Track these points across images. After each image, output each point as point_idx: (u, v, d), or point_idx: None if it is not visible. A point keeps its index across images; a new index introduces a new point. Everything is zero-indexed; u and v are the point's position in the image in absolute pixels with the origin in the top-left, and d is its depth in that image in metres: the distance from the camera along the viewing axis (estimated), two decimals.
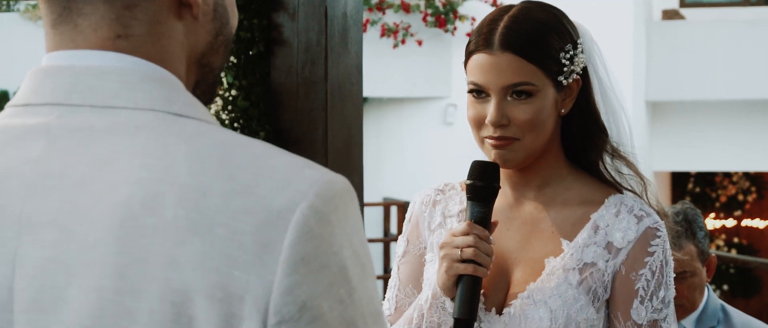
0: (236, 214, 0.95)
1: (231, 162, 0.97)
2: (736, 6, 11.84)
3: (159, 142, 0.99)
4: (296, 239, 0.94)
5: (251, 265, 0.94)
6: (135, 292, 0.95)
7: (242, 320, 0.94)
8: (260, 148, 0.99)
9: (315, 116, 3.43)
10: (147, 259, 0.95)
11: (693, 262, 2.90)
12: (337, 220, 0.97)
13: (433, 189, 2.05)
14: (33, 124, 1.03)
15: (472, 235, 1.82)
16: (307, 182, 0.96)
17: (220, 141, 1.00)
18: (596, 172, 1.94)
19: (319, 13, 3.48)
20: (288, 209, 0.94)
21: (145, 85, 1.03)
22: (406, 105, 11.33)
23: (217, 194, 0.95)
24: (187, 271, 0.94)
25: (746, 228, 13.23)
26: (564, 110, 1.90)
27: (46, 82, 1.05)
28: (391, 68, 10.70)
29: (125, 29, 1.04)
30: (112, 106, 1.02)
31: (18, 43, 11.32)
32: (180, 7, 1.07)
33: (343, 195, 0.98)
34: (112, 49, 1.04)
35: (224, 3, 1.11)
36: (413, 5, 10.63)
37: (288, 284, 0.94)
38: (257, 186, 0.96)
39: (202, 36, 1.09)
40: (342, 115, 3.48)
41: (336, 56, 3.47)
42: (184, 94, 1.05)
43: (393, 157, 11.36)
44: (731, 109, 11.12)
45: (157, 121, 1.01)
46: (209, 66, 1.12)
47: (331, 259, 0.95)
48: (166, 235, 0.95)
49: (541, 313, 1.83)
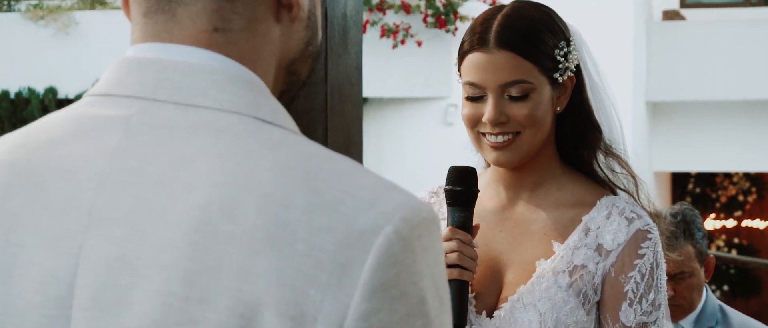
0: (318, 230, 0.90)
1: (316, 176, 0.93)
2: (736, 6, 11.83)
3: (242, 148, 0.95)
4: (378, 264, 0.90)
5: (328, 285, 0.89)
6: (203, 300, 0.91)
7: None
8: (347, 164, 0.95)
9: (314, 117, 3.43)
10: (220, 268, 0.90)
11: (691, 262, 2.90)
12: (420, 248, 0.92)
13: (427, 192, 2.04)
14: (112, 115, 0.99)
15: (455, 240, 1.82)
16: (393, 205, 0.92)
17: (306, 153, 0.95)
18: (590, 171, 1.94)
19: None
20: (372, 231, 0.90)
21: (233, 87, 0.99)
22: (407, 105, 11.33)
23: (299, 208, 0.91)
24: (260, 284, 0.89)
25: (746, 229, 13.22)
26: (560, 108, 1.90)
27: (132, 74, 1.01)
28: (391, 69, 10.70)
29: (224, 22, 1.01)
30: (197, 105, 0.98)
31: (18, 43, 11.32)
32: (279, 7, 1.04)
33: (428, 223, 0.93)
34: (206, 46, 1.00)
35: (316, 13, 1.07)
36: (413, 6, 10.63)
37: (365, 310, 0.89)
38: (342, 204, 0.91)
39: (296, 42, 1.06)
40: (342, 116, 3.48)
41: (336, 57, 3.46)
42: (272, 101, 1.01)
43: (393, 158, 11.36)
44: (731, 110, 11.11)
45: (242, 125, 0.97)
46: (297, 75, 1.09)
47: (411, 288, 0.91)
48: (241, 244, 0.90)
49: (531, 316, 1.83)
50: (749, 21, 10.95)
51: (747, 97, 10.64)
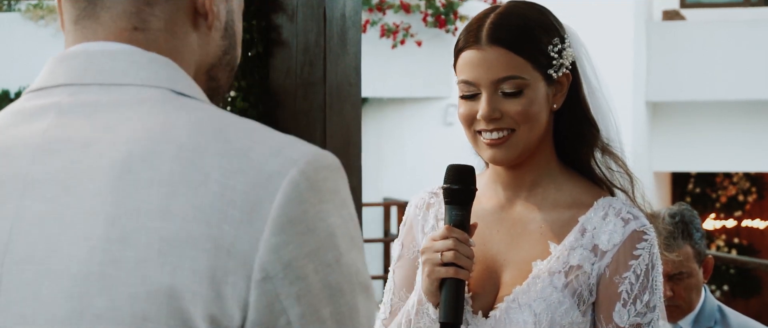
0: (230, 173, 0.99)
1: (229, 130, 1.02)
2: (736, 6, 11.84)
3: (161, 112, 1.04)
4: (285, 201, 0.98)
5: (240, 221, 0.97)
6: (124, 240, 0.98)
7: (228, 273, 0.97)
8: (255, 124, 1.05)
9: (313, 117, 3.43)
10: (139, 209, 0.99)
11: (689, 263, 2.90)
12: (326, 189, 1.01)
13: (427, 192, 2.04)
14: (45, 103, 1.09)
15: (451, 238, 1.82)
16: (299, 152, 1.01)
17: (219, 115, 1.05)
18: (587, 169, 1.94)
19: (318, 14, 3.48)
20: (279, 173, 0.99)
21: (152, 65, 1.08)
22: (407, 105, 11.33)
23: (213, 154, 1.00)
24: (178, 221, 0.98)
25: (746, 229, 13.22)
26: (556, 105, 1.90)
27: (61, 66, 1.11)
28: (391, 68, 10.70)
29: (143, 23, 1.10)
30: (120, 83, 1.07)
31: (18, 43, 11.33)
32: (196, 15, 1.13)
33: (333, 169, 1.03)
34: (127, 42, 1.10)
35: (234, 27, 1.17)
36: (413, 5, 10.64)
37: (274, 243, 0.97)
38: (252, 150, 1.00)
39: (213, 49, 1.15)
40: (340, 116, 3.48)
41: (334, 57, 3.47)
42: (188, 79, 1.10)
43: (393, 158, 11.36)
44: (731, 110, 11.12)
45: (161, 96, 1.07)
46: (216, 80, 1.17)
47: (319, 224, 0.99)
48: (160, 187, 0.99)
49: (525, 316, 1.83)
50: (749, 21, 10.96)
51: (747, 97, 10.64)
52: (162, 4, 1.11)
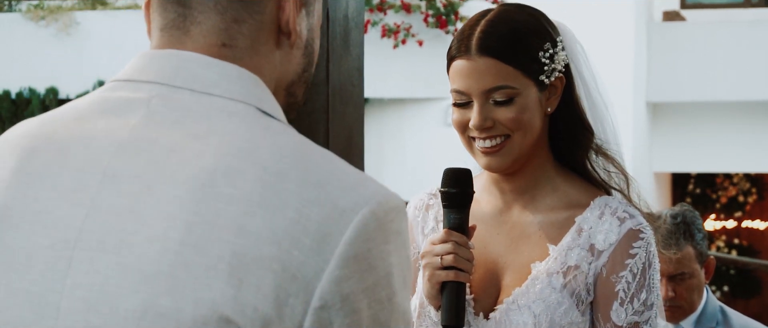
0: (307, 202, 1.03)
1: (309, 159, 1.07)
2: (736, 7, 11.84)
3: (247, 130, 1.08)
4: (354, 238, 1.02)
5: (310, 249, 1.02)
6: (197, 247, 1.02)
7: (289, 296, 1.01)
8: (333, 155, 1.09)
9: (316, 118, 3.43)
10: (216, 222, 1.02)
11: (691, 263, 2.91)
12: (392, 230, 1.05)
13: (426, 193, 2.05)
14: (134, 97, 1.12)
15: (451, 242, 1.83)
16: (371, 191, 1.05)
17: (301, 141, 1.09)
18: (584, 171, 1.95)
19: None
20: (352, 210, 1.03)
21: (241, 81, 1.12)
22: (407, 106, 11.33)
23: (292, 181, 1.04)
24: (252, 240, 1.01)
25: (747, 229, 13.22)
26: (550, 109, 1.90)
27: (153, 63, 1.14)
28: (392, 69, 10.70)
29: (231, 40, 1.14)
30: (210, 93, 1.11)
31: (18, 43, 11.33)
32: (279, 34, 1.16)
33: (399, 211, 1.07)
34: (216, 56, 1.13)
35: (313, 44, 1.21)
36: (414, 6, 10.64)
37: (337, 276, 1.02)
38: (329, 184, 1.04)
39: (294, 66, 1.19)
40: (343, 117, 3.48)
41: (337, 58, 3.47)
42: (273, 99, 1.14)
43: (394, 158, 11.36)
44: (732, 111, 11.12)
45: (248, 113, 1.10)
46: (294, 96, 1.21)
47: (380, 263, 1.04)
48: (239, 205, 1.02)
49: (525, 318, 1.84)
50: (750, 22, 10.96)
51: (747, 98, 10.64)
52: (249, 23, 1.14)
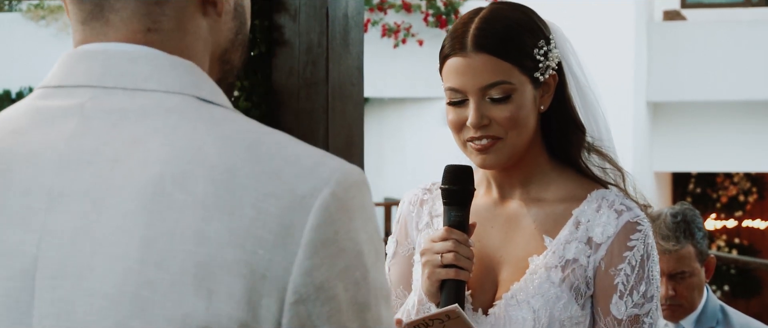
0: (263, 196, 0.99)
1: (258, 147, 1.02)
2: (737, 7, 11.84)
3: (189, 125, 1.04)
4: (317, 224, 0.99)
5: (274, 245, 0.98)
6: (159, 263, 0.98)
7: (262, 296, 0.98)
8: (282, 137, 1.05)
9: (316, 117, 3.43)
10: (174, 232, 0.99)
11: (691, 262, 2.90)
12: (354, 207, 1.02)
13: (420, 188, 2.05)
14: (67, 105, 1.07)
15: (451, 240, 1.83)
16: (329, 170, 1.02)
17: (246, 128, 1.05)
18: (577, 166, 1.95)
19: (321, 14, 3.49)
20: (311, 195, 1.00)
21: (174, 70, 1.07)
22: (407, 105, 11.33)
23: (245, 176, 1.00)
24: (213, 246, 0.98)
25: (747, 229, 13.22)
26: (543, 107, 1.90)
27: (79, 65, 1.09)
28: (392, 68, 10.71)
29: (155, 24, 1.09)
30: (143, 88, 1.06)
31: (18, 43, 11.33)
32: (205, 4, 1.12)
33: (360, 185, 1.03)
34: (142, 43, 1.09)
35: (243, 2, 1.16)
36: (414, 5, 10.64)
37: (307, 266, 0.99)
38: (283, 171, 1.01)
39: (225, 33, 1.15)
40: (343, 116, 3.48)
41: (337, 57, 3.47)
42: (211, 82, 1.10)
43: (394, 157, 11.37)
44: (732, 110, 11.12)
45: (186, 104, 1.06)
46: (230, 63, 1.17)
47: (349, 243, 1.01)
48: (194, 211, 0.99)
49: (524, 313, 1.84)
50: (750, 21, 10.96)
51: (748, 98, 10.65)
52: (171, 2, 1.10)
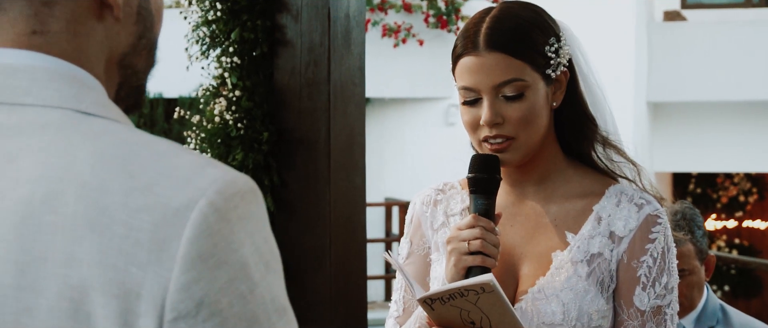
0: (135, 212, 0.94)
1: (133, 161, 0.97)
2: (737, 7, 11.85)
3: (63, 141, 0.99)
4: (194, 237, 0.94)
5: (148, 262, 0.94)
6: (34, 289, 0.95)
7: (139, 316, 0.94)
8: (165, 146, 0.99)
9: (318, 117, 3.45)
10: (46, 256, 0.95)
11: (691, 260, 2.91)
12: (237, 217, 0.96)
13: (432, 189, 2.06)
14: None
15: (478, 227, 1.84)
16: (207, 180, 0.96)
17: (124, 140, 1.00)
18: (591, 163, 1.97)
19: (322, 14, 3.50)
20: (187, 207, 0.94)
21: (54, 83, 1.03)
22: (408, 105, 11.35)
23: (116, 192, 0.95)
24: (84, 268, 0.94)
25: (747, 229, 13.24)
26: (556, 103, 1.93)
27: None
28: (392, 68, 10.72)
29: (42, 26, 1.05)
30: (21, 103, 1.02)
31: None
32: (101, 7, 1.07)
33: (244, 194, 0.97)
34: (26, 47, 1.04)
35: (149, 6, 1.11)
36: (415, 5, 10.66)
37: (184, 281, 0.93)
38: (157, 184, 0.95)
39: (124, 37, 1.10)
40: (344, 115, 3.50)
41: (339, 57, 3.49)
42: (95, 93, 1.05)
43: (394, 158, 11.38)
44: (732, 110, 11.13)
45: (65, 119, 1.01)
46: (132, 68, 1.12)
47: (231, 256, 0.95)
48: (64, 232, 0.95)
49: (554, 307, 1.86)
50: (750, 22, 10.97)
51: (748, 98, 10.66)
52: (61, 4, 1.05)
